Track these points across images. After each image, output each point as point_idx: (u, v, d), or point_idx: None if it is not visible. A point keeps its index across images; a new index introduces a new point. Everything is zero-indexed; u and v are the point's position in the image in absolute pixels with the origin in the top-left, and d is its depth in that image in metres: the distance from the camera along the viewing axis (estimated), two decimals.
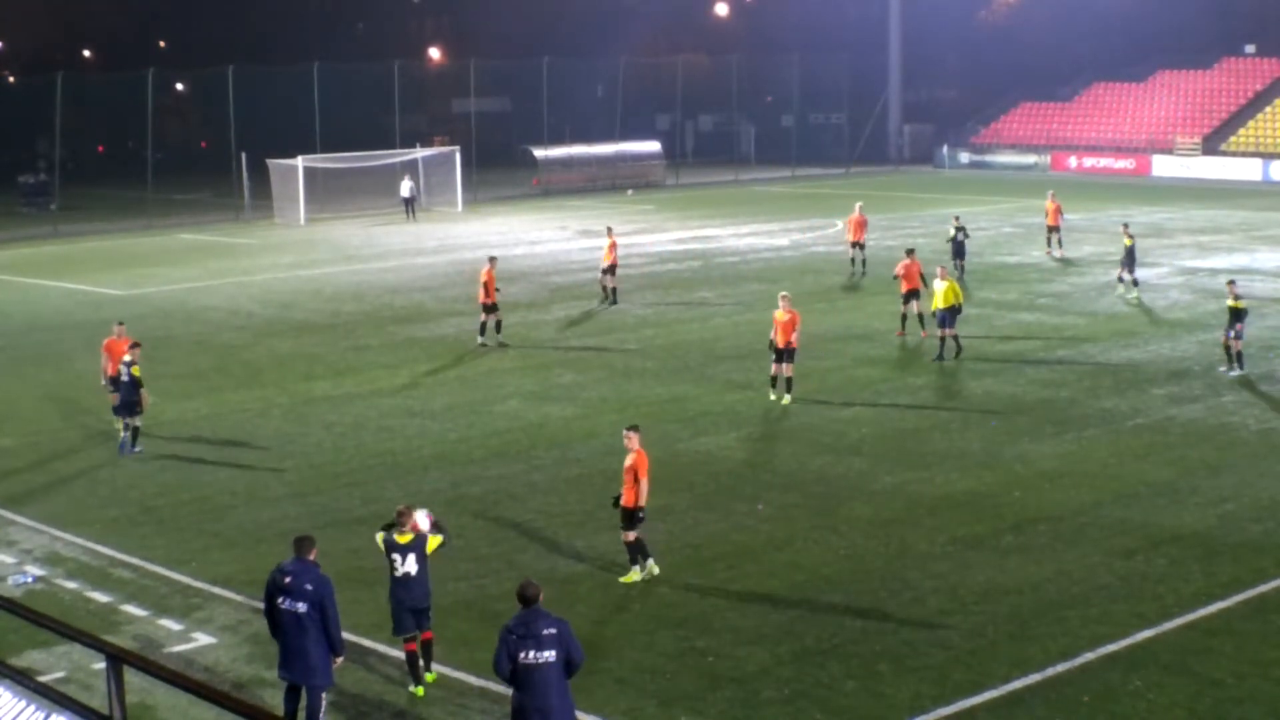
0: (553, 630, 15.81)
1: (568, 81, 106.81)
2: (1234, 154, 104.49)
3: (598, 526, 26.46)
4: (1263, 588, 23.09)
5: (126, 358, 32.29)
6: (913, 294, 43.02)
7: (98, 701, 12.84)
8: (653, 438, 31.66)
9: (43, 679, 16.02)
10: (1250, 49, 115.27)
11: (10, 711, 11.54)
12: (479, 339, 43.39)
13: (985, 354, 40.83)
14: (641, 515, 23.49)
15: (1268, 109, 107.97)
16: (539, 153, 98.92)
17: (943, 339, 40.47)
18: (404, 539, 19.67)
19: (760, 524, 26.69)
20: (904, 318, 43.26)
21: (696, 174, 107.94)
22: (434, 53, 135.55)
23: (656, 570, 23.92)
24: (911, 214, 70.44)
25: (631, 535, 23.58)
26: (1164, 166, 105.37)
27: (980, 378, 38.30)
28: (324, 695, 17.96)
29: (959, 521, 26.52)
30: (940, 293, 40.33)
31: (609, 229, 52.73)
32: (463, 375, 39.58)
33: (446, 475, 30.07)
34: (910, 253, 44.65)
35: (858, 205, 59.06)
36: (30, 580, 24.44)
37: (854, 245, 56.83)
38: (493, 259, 44.70)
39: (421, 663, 19.97)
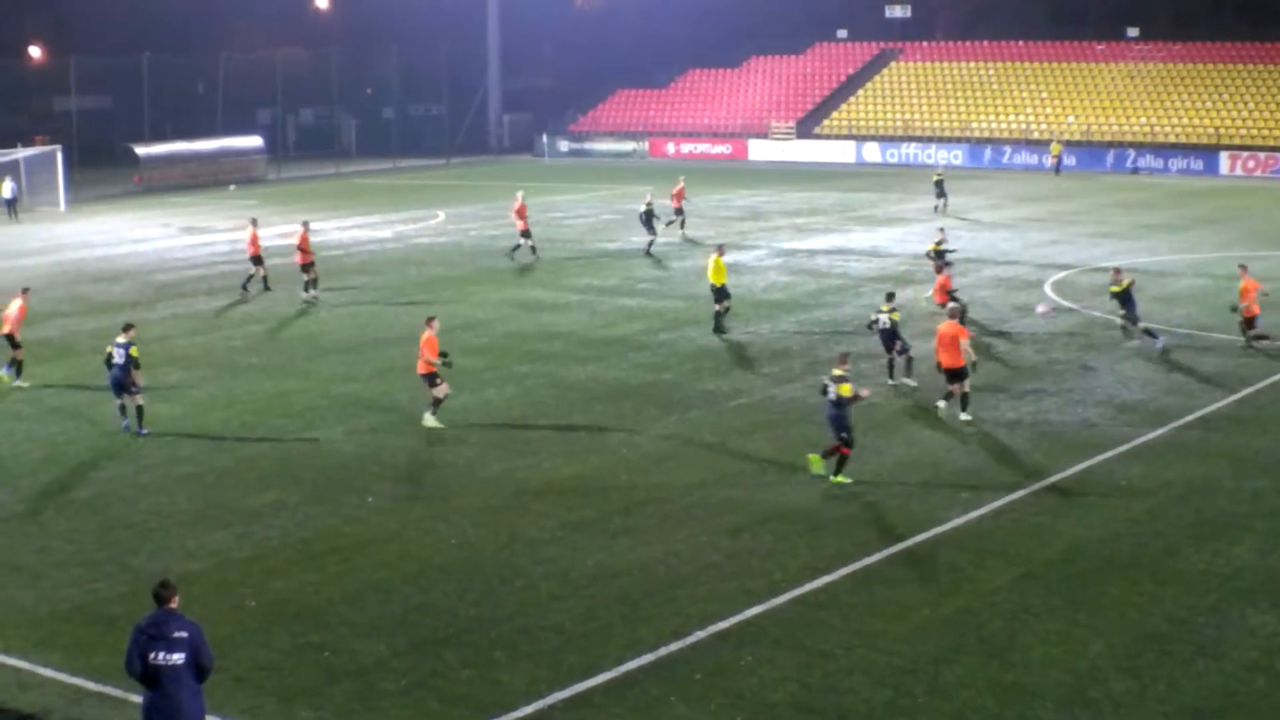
0: (184, 633, 15.60)
1: (169, 78, 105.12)
2: (828, 137, 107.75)
3: (210, 525, 25.88)
4: (866, 560, 23.69)
5: (121, 339, 31.83)
6: None
7: None
8: (258, 432, 31.15)
9: None
10: (842, 34, 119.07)
11: None
12: (303, 295, 48.85)
13: (589, 339, 41.20)
14: None
15: (860, 92, 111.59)
16: (141, 150, 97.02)
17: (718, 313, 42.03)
18: (839, 371, 27.90)
19: (371, 516, 26.41)
20: None
21: (299, 168, 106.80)
22: (34, 50, 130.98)
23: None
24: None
25: None
26: (760, 150, 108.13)
27: (584, 363, 38.57)
28: None
29: (567, 506, 26.64)
30: (710, 269, 41.99)
31: (253, 220, 53.21)
32: (69, 378, 38.29)
33: (47, 475, 29.08)
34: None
35: (519, 194, 59.82)
36: None
37: (523, 234, 57.48)
38: (305, 223, 51.55)
39: (835, 463, 27.79)
